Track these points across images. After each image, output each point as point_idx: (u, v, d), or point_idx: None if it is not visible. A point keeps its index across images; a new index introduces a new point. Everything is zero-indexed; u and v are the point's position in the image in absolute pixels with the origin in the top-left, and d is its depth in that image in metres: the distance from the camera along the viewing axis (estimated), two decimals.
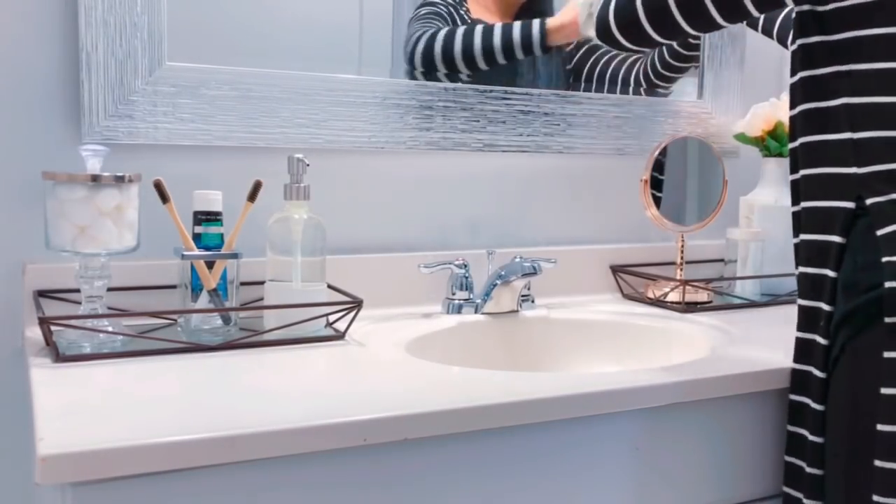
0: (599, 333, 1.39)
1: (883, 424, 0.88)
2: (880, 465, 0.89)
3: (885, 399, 0.88)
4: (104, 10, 1.16)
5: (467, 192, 1.46)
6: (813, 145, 1.00)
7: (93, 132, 1.16)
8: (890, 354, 0.88)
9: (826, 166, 0.98)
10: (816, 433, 0.98)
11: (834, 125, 0.96)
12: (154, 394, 0.89)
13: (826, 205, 0.98)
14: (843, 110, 0.95)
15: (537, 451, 0.95)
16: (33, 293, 1.13)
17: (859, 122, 0.94)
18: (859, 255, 0.94)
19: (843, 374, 0.95)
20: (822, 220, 0.98)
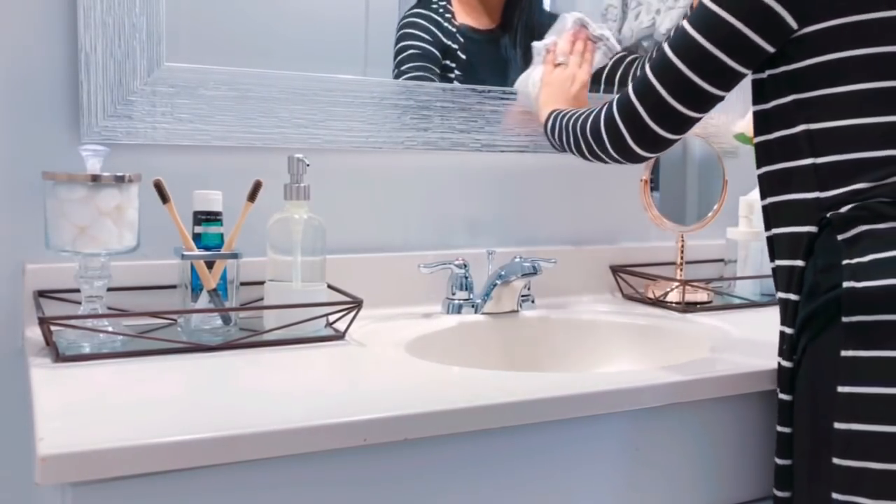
0: (599, 333, 1.38)
1: (839, 423, 0.89)
2: (838, 462, 0.89)
3: (841, 398, 0.89)
4: (103, 11, 1.16)
5: (467, 192, 1.46)
6: (776, 173, 1.01)
7: (91, 132, 1.16)
8: (847, 353, 0.89)
9: (790, 193, 0.99)
10: (783, 424, 0.99)
11: (795, 151, 0.98)
12: (154, 394, 0.89)
13: (792, 230, 0.99)
14: (804, 136, 0.97)
15: (537, 450, 0.95)
16: (33, 293, 1.13)
17: (823, 147, 0.95)
18: (820, 259, 0.95)
19: (805, 374, 0.96)
20: (790, 244, 1.00)
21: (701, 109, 1.02)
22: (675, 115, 1.01)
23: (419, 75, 1.40)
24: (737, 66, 0.98)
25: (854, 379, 0.89)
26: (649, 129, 1.03)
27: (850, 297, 0.90)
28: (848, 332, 0.89)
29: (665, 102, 1.01)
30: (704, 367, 1.07)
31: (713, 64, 0.97)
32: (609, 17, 1.59)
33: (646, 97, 1.03)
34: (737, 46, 0.96)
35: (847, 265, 0.91)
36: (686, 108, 1.01)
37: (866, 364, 0.88)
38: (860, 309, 0.89)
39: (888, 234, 0.91)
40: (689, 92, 1.00)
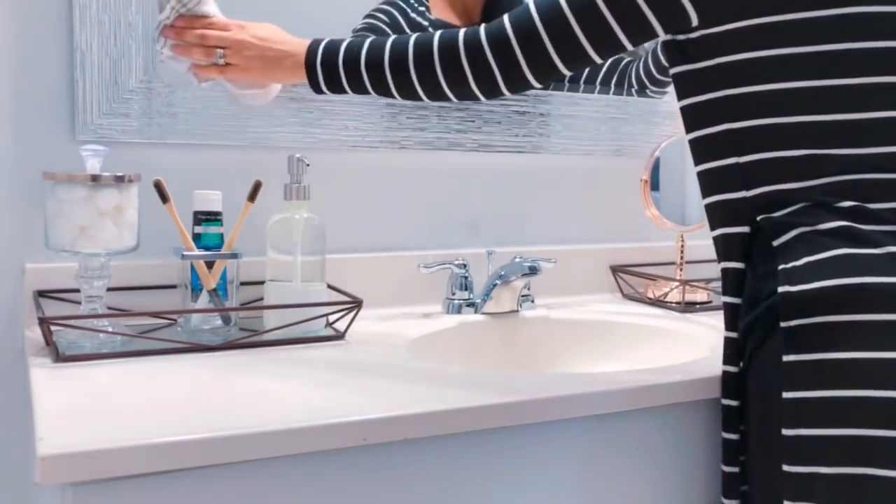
0: (599, 333, 1.39)
1: (787, 429, 0.88)
2: (788, 469, 0.88)
3: (786, 404, 0.88)
4: (98, 9, 1.16)
5: (467, 192, 1.46)
6: (705, 173, 1.00)
7: (87, 130, 1.16)
8: (788, 358, 0.88)
9: (720, 193, 0.99)
10: (729, 430, 0.99)
11: (719, 150, 0.97)
12: (154, 394, 0.89)
13: (727, 231, 0.99)
14: (726, 136, 0.96)
15: (537, 450, 0.95)
16: (33, 293, 1.13)
17: (744, 146, 0.95)
18: (759, 266, 0.95)
19: (753, 381, 0.95)
20: (727, 245, 0.99)
21: (574, 68, 1.00)
22: (550, 66, 0.99)
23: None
24: (624, 40, 0.97)
25: (797, 384, 0.87)
26: (522, 74, 1.00)
27: (787, 302, 0.88)
28: (787, 337, 0.88)
29: (544, 50, 0.98)
30: (704, 367, 1.07)
31: (603, 31, 0.96)
32: None
33: (526, 40, 0.98)
34: (634, 22, 0.95)
35: (783, 270, 0.90)
36: (562, 64, 0.99)
37: (807, 368, 0.87)
38: (796, 313, 0.88)
39: (820, 236, 0.90)
40: (571, 49, 0.97)
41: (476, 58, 1.00)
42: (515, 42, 0.99)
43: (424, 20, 1.40)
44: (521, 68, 1.00)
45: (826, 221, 0.91)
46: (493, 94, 1.04)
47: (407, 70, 1.03)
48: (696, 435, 1.05)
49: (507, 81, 1.02)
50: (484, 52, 1.00)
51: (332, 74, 1.06)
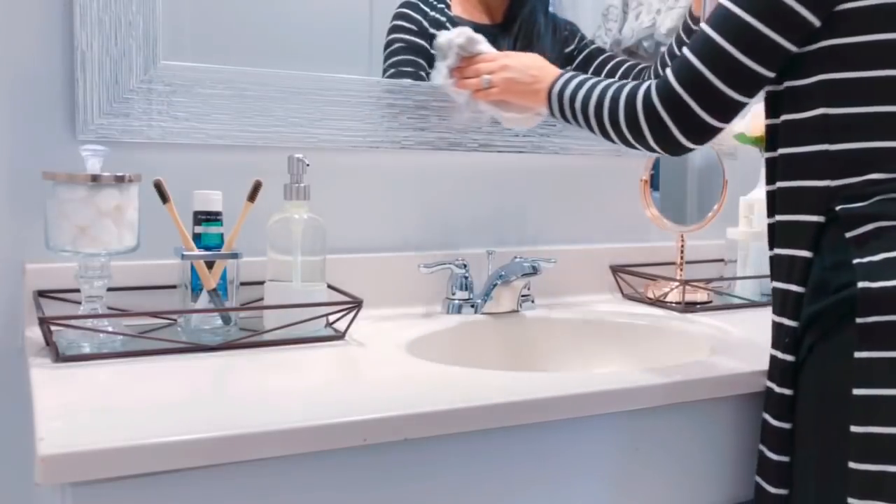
0: (599, 333, 1.39)
1: (857, 426, 0.87)
2: (855, 466, 0.88)
3: (857, 400, 0.87)
4: (99, 8, 1.16)
5: (467, 191, 1.46)
6: (787, 157, 0.99)
7: (87, 130, 1.16)
8: (861, 355, 0.87)
9: (800, 179, 0.97)
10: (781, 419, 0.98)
11: (809, 136, 0.96)
12: (154, 394, 0.89)
13: (798, 218, 0.97)
14: (820, 121, 0.94)
15: (537, 450, 0.95)
16: (33, 293, 1.13)
17: (836, 133, 0.93)
18: (827, 256, 0.93)
19: (813, 373, 0.94)
20: (793, 233, 0.98)
21: (751, 94, 0.98)
22: (728, 103, 0.97)
23: (405, 70, 1.39)
24: (786, 44, 0.94)
25: (871, 381, 0.87)
26: (699, 119, 0.98)
27: (865, 298, 0.87)
28: (863, 333, 0.87)
29: (716, 90, 0.96)
30: (704, 367, 1.07)
31: (763, 43, 0.93)
32: (610, 18, 1.59)
33: (693, 86, 0.97)
34: (787, 22, 0.92)
35: (859, 264, 0.89)
36: (738, 94, 0.96)
37: (883, 365, 0.86)
38: (876, 310, 0.87)
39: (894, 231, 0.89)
40: (741, 78, 0.95)
41: (652, 116, 1.01)
42: (686, 94, 0.97)
43: (443, 16, 1.40)
44: (700, 117, 0.98)
45: None
46: (671, 147, 1.02)
47: (603, 124, 1.08)
48: (696, 435, 1.05)
49: (687, 133, 0.99)
50: (658, 112, 1.00)
51: (561, 109, 1.16)
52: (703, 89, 0.97)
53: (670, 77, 0.99)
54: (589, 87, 1.12)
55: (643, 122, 1.02)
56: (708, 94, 0.96)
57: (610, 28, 1.58)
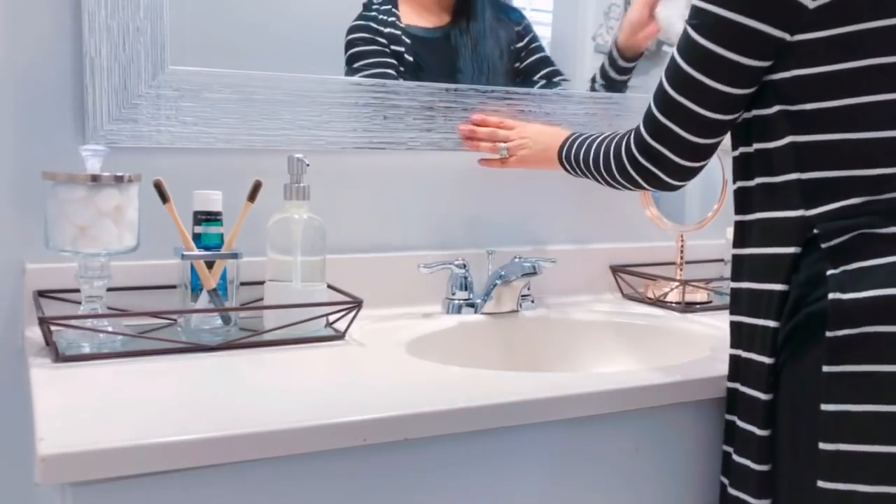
0: (599, 333, 1.38)
1: (825, 443, 0.85)
2: (824, 485, 0.85)
3: (824, 416, 0.85)
4: (107, 15, 1.16)
5: (468, 191, 1.46)
6: (755, 189, 0.97)
7: (97, 136, 1.17)
8: (830, 369, 0.85)
9: (775, 210, 0.95)
10: (762, 461, 0.94)
11: (781, 166, 0.93)
12: (154, 394, 0.89)
13: (772, 251, 0.94)
14: (790, 150, 0.92)
15: (536, 450, 0.95)
16: (33, 293, 1.13)
17: (808, 161, 0.91)
18: (802, 272, 0.91)
19: (785, 395, 0.92)
20: (767, 266, 0.94)
21: (718, 136, 0.98)
22: (699, 148, 0.98)
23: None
24: (735, 91, 0.93)
25: (840, 396, 0.84)
26: (677, 164, 0.99)
27: (836, 310, 0.85)
28: (832, 346, 0.85)
29: (684, 139, 0.97)
30: (704, 367, 1.07)
31: (711, 93, 0.93)
32: (612, 16, 1.59)
33: (663, 138, 0.99)
34: (727, 73, 0.92)
35: (832, 276, 0.87)
36: (705, 139, 0.97)
37: (852, 380, 0.84)
38: (845, 322, 0.84)
39: (873, 240, 0.87)
40: (702, 125, 0.96)
41: (637, 166, 1.05)
42: (654, 142, 1.01)
43: (397, 29, 1.39)
44: (678, 163, 1.00)
45: (884, 226, 0.87)
46: (666, 188, 1.06)
47: (605, 178, 1.14)
48: (696, 435, 1.05)
49: (671, 176, 1.03)
50: (640, 161, 1.04)
51: (574, 169, 1.25)
52: (672, 140, 0.99)
53: (642, 129, 1.03)
54: (587, 147, 1.19)
55: (632, 172, 1.07)
56: (678, 144, 0.99)
57: (612, 26, 1.58)
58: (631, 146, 1.05)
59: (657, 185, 1.06)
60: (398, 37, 1.38)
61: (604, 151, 1.13)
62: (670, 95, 0.97)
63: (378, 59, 1.36)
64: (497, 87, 1.44)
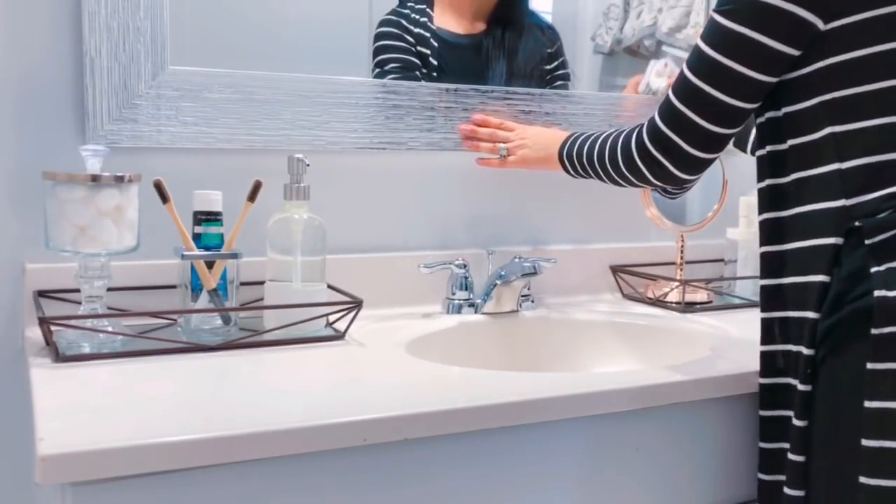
0: (599, 333, 1.38)
1: (868, 440, 0.86)
2: (865, 481, 0.86)
3: (868, 413, 0.85)
4: (107, 15, 1.16)
5: (468, 191, 1.46)
6: (789, 185, 0.97)
7: (97, 136, 1.17)
8: (874, 366, 0.85)
9: (813, 203, 0.95)
10: (800, 452, 0.94)
11: (819, 158, 0.94)
12: (154, 394, 0.89)
13: (812, 244, 0.95)
14: (829, 140, 0.93)
15: (536, 450, 0.95)
16: (33, 293, 1.13)
17: (846, 150, 0.92)
18: (844, 268, 0.91)
19: (825, 388, 0.92)
20: (807, 259, 0.95)
21: (734, 126, 0.99)
22: (713, 137, 0.99)
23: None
24: (762, 77, 0.94)
25: (884, 393, 0.85)
26: (689, 154, 1.01)
27: (882, 307, 0.85)
28: (877, 343, 0.85)
29: (700, 127, 0.98)
30: (704, 367, 1.07)
31: (737, 80, 0.94)
32: (611, 16, 1.59)
33: (678, 126, 1.00)
34: (759, 58, 0.93)
35: (877, 273, 0.87)
36: (721, 128, 0.98)
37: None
38: (891, 319, 0.84)
39: None
40: (721, 113, 0.97)
41: (645, 156, 1.05)
42: (668, 130, 1.01)
43: (427, 31, 1.40)
44: (690, 153, 1.00)
45: None
46: (671, 181, 1.06)
47: (608, 172, 1.15)
48: (696, 435, 1.05)
49: (680, 168, 1.03)
50: (650, 151, 1.04)
51: (574, 168, 1.25)
52: (686, 128, 1.00)
53: (657, 118, 1.03)
54: (591, 143, 1.19)
55: (640, 163, 1.07)
56: (692, 132, 0.99)
57: (611, 27, 1.58)
58: (643, 135, 1.05)
59: (663, 177, 1.06)
60: (427, 39, 1.39)
61: (609, 145, 1.13)
62: (691, 82, 0.97)
63: (402, 55, 1.37)
64: (497, 87, 1.44)
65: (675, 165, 1.03)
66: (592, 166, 1.18)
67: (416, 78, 1.38)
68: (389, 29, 1.38)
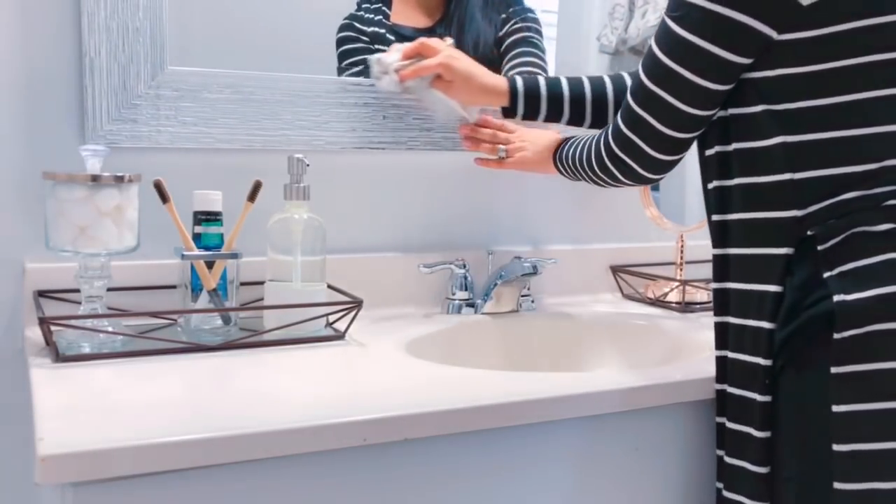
0: (599, 333, 1.38)
1: (839, 444, 0.85)
2: (840, 487, 0.85)
3: (836, 418, 0.85)
4: (106, 15, 1.16)
5: (468, 191, 1.46)
6: (737, 188, 0.96)
7: (97, 136, 1.17)
8: (838, 370, 0.85)
9: (762, 211, 0.94)
10: (762, 463, 0.93)
11: (769, 166, 0.92)
12: (154, 394, 0.89)
13: (762, 252, 0.94)
14: (780, 150, 0.91)
15: (536, 450, 0.95)
16: (33, 293, 1.13)
17: (800, 161, 0.90)
18: (797, 276, 0.90)
19: (787, 397, 0.91)
20: (758, 268, 0.94)
21: (694, 131, 0.98)
22: (674, 141, 0.99)
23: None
24: (714, 86, 0.93)
25: (851, 396, 0.84)
26: (652, 157, 1.01)
27: (843, 312, 0.85)
28: (840, 348, 0.85)
29: (660, 132, 0.98)
30: (704, 367, 1.07)
31: (690, 87, 0.93)
32: (616, 16, 1.59)
33: (639, 129, 1.00)
34: (710, 67, 0.91)
35: (830, 277, 0.87)
36: (681, 133, 0.98)
37: (862, 379, 0.84)
38: (853, 322, 0.84)
39: (867, 238, 0.86)
40: (678, 119, 0.96)
41: (614, 158, 1.06)
42: (630, 133, 1.01)
43: (382, 28, 1.39)
44: (653, 156, 1.01)
45: (876, 224, 0.87)
46: (642, 181, 1.08)
47: (587, 174, 1.16)
48: (695, 435, 1.05)
49: (645, 168, 1.04)
50: (617, 153, 1.05)
51: (567, 171, 1.26)
52: (647, 132, 1.00)
53: (620, 123, 1.03)
54: (577, 148, 1.20)
55: (609, 165, 1.08)
56: (651, 135, 0.99)
57: (616, 27, 1.58)
58: (608, 138, 1.06)
59: (633, 178, 1.07)
60: (382, 35, 1.38)
61: (587, 148, 1.15)
62: (647, 87, 0.97)
63: (362, 56, 1.36)
64: None
65: (640, 165, 1.03)
66: (578, 169, 1.20)
67: None
68: (346, 33, 1.38)
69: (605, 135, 1.07)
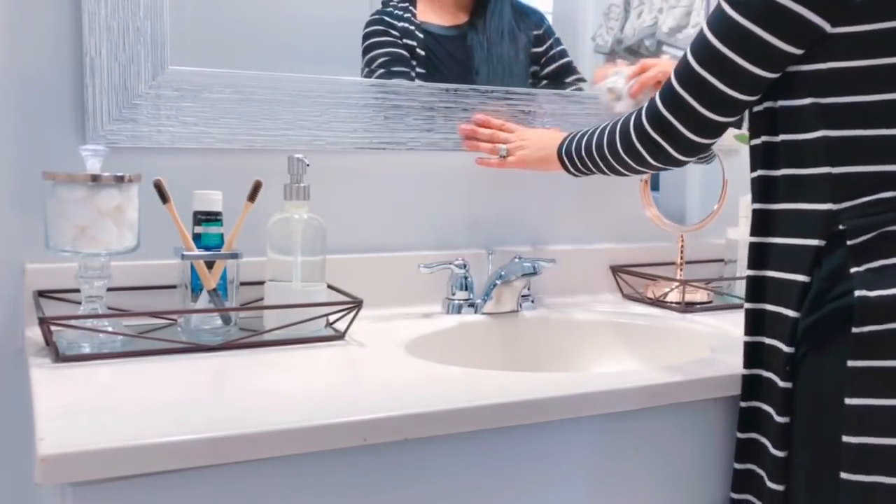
0: (599, 333, 1.38)
1: (848, 436, 0.87)
2: (846, 477, 0.87)
3: (849, 410, 0.87)
4: (107, 15, 1.16)
5: (468, 191, 1.46)
6: (780, 179, 0.98)
7: (97, 136, 1.17)
8: (855, 364, 0.87)
9: (801, 202, 0.96)
10: (781, 447, 0.95)
11: (810, 158, 0.94)
12: (154, 394, 0.89)
13: (796, 242, 0.96)
14: (821, 143, 0.93)
15: (536, 450, 0.95)
16: (33, 293, 1.13)
17: (838, 156, 0.92)
18: (825, 268, 0.92)
19: (805, 385, 0.93)
20: (790, 257, 0.96)
21: (733, 115, 1.00)
22: (711, 124, 1.00)
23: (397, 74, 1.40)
24: (762, 72, 0.94)
25: (865, 390, 0.86)
26: (687, 139, 1.02)
27: (863, 307, 0.86)
28: (858, 342, 0.86)
29: (699, 114, 0.99)
30: (704, 367, 1.07)
31: (738, 72, 0.94)
32: (611, 16, 1.59)
33: (678, 110, 1.01)
34: (761, 54, 0.93)
35: (856, 273, 0.88)
36: (720, 116, 0.99)
37: (878, 375, 0.86)
38: (871, 319, 0.86)
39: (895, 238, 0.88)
40: (720, 102, 0.97)
41: (645, 139, 1.07)
42: (668, 113, 1.02)
43: (412, 25, 1.40)
44: (688, 137, 1.02)
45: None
46: (672, 163, 1.08)
47: (608, 160, 1.16)
48: (696, 435, 1.05)
49: (678, 149, 1.04)
50: (648, 132, 1.06)
51: (574, 164, 1.26)
52: (686, 113, 1.01)
53: (658, 101, 1.04)
54: (588, 137, 1.21)
55: (639, 145, 1.08)
56: (691, 117, 1.00)
57: (611, 27, 1.58)
58: (642, 118, 1.07)
59: (663, 159, 1.07)
60: (412, 31, 1.40)
61: (608, 133, 1.15)
62: (693, 68, 0.98)
63: (390, 49, 1.37)
64: (497, 88, 1.44)
65: (674, 147, 1.04)
66: (592, 158, 1.19)
67: (407, 69, 1.39)
68: (375, 27, 1.39)
69: (638, 115, 1.08)
